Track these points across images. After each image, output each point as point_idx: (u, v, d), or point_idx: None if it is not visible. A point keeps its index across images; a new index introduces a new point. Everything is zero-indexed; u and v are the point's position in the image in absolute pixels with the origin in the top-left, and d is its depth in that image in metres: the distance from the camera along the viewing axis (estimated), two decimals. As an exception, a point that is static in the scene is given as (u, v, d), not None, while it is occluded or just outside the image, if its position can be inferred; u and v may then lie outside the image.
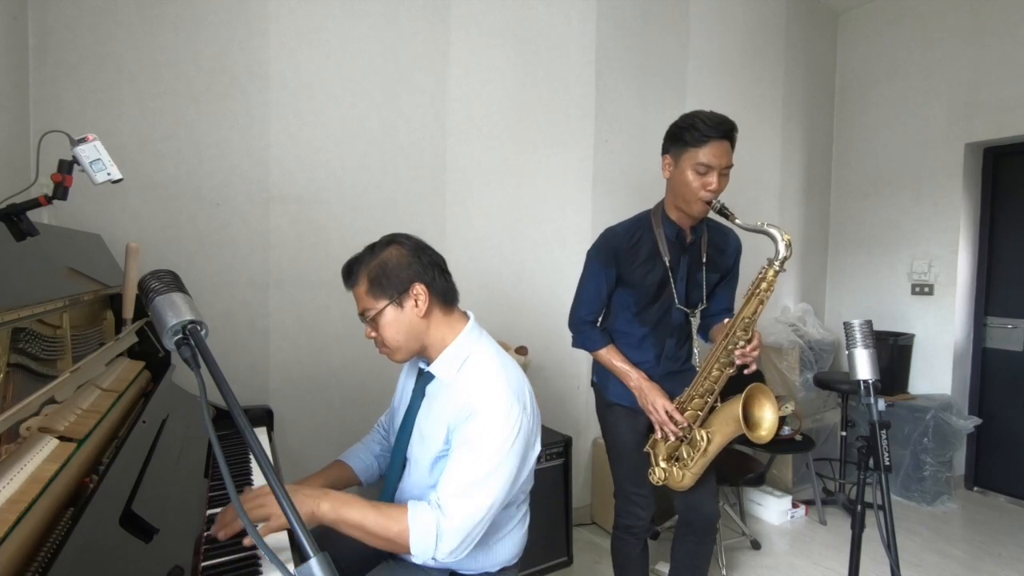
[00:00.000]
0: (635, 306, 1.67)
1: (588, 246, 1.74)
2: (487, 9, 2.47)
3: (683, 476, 1.60)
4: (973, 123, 3.28)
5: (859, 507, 1.39)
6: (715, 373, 1.54)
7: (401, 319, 1.15)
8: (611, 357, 1.68)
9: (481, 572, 1.23)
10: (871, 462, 1.33)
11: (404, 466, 1.28)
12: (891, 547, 1.26)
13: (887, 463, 1.29)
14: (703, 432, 1.57)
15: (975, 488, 3.40)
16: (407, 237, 1.21)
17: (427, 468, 1.20)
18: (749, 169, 3.40)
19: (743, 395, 1.49)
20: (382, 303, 1.15)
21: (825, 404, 3.58)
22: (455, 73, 2.41)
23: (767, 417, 1.52)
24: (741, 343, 1.49)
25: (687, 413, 1.59)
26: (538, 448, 1.20)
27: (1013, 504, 3.23)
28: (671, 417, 1.57)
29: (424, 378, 1.25)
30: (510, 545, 1.26)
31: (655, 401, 1.59)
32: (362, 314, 1.18)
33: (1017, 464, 3.27)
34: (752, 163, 3.44)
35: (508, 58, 2.55)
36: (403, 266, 1.15)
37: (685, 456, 1.60)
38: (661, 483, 1.63)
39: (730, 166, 1.52)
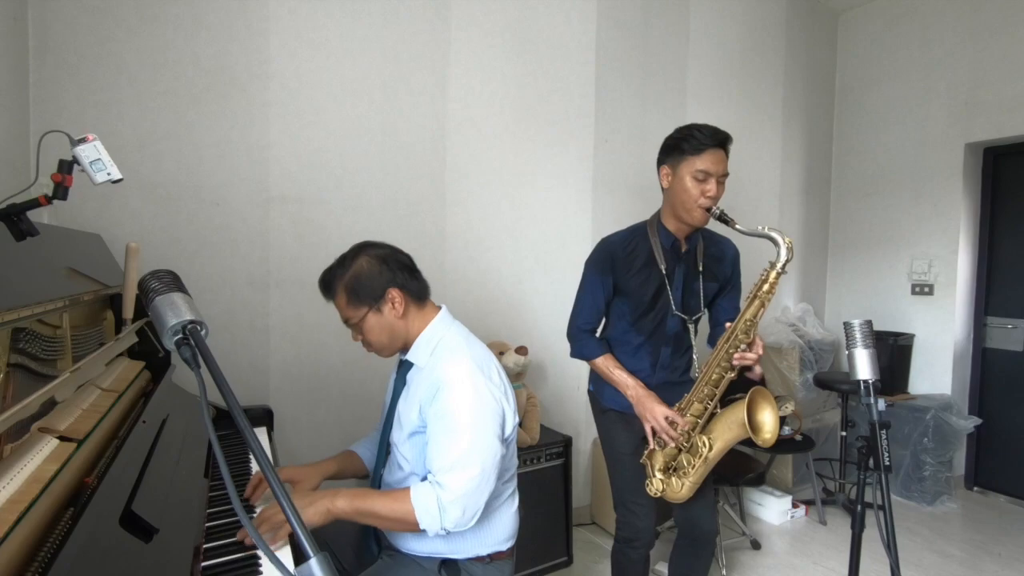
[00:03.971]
0: (631, 315, 1.67)
1: (588, 246, 1.74)
2: (487, 9, 2.47)
3: (682, 486, 1.58)
4: (973, 123, 3.28)
5: (859, 507, 1.39)
6: (715, 377, 1.54)
7: (382, 322, 1.26)
8: (608, 366, 1.67)
9: (473, 556, 1.26)
10: (871, 462, 1.33)
11: (388, 453, 1.34)
12: (891, 547, 1.26)
13: (887, 463, 1.29)
14: (704, 438, 1.55)
15: (975, 488, 3.40)
16: (374, 245, 1.30)
17: (404, 443, 1.27)
18: (749, 170, 3.40)
19: (746, 399, 1.48)
20: (362, 311, 1.25)
21: (825, 404, 3.58)
22: (455, 73, 2.41)
23: (768, 420, 1.51)
24: (742, 346, 1.49)
25: (686, 419, 1.57)
26: (515, 420, 1.27)
27: (1013, 504, 3.23)
28: (671, 423, 1.55)
29: (404, 367, 1.34)
30: (499, 526, 1.29)
31: (652, 408, 1.57)
32: (345, 322, 1.29)
33: (1017, 464, 3.27)
34: (752, 163, 3.44)
35: (508, 58, 2.55)
36: (375, 275, 1.24)
37: (685, 464, 1.57)
38: (659, 495, 1.60)
39: (726, 175, 1.55)
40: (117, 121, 1.78)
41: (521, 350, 2.37)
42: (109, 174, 1.02)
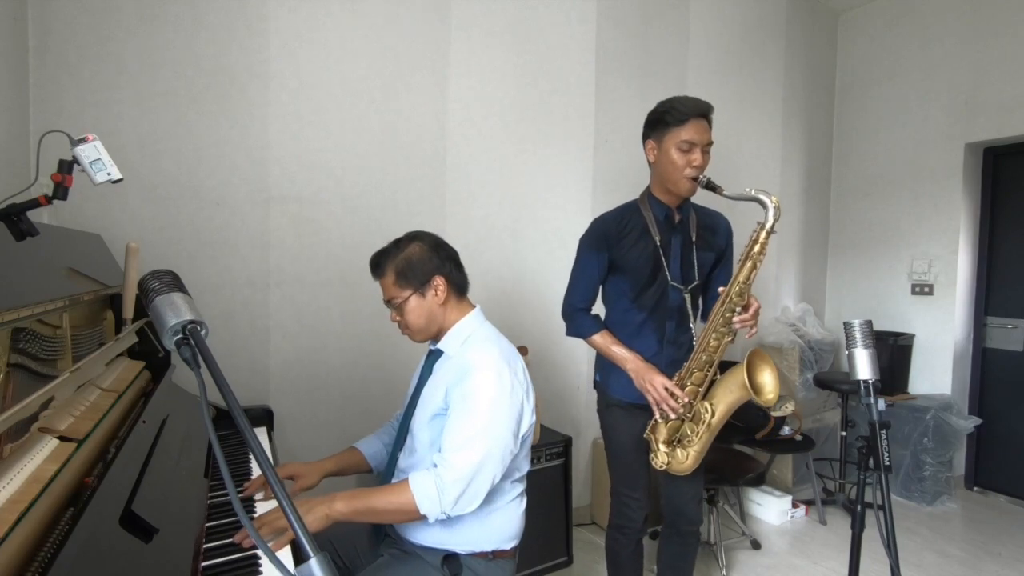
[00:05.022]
0: (631, 291, 1.66)
1: (589, 246, 1.74)
2: (487, 9, 2.47)
3: (687, 456, 1.56)
4: (973, 123, 3.28)
5: (859, 507, 1.39)
6: (713, 343, 1.53)
7: (423, 306, 1.32)
8: (606, 342, 1.66)
9: (476, 551, 1.27)
10: (871, 462, 1.33)
11: (406, 439, 1.36)
12: (891, 547, 1.26)
13: (887, 463, 1.30)
14: (706, 404, 1.54)
15: (975, 488, 3.40)
16: (427, 234, 1.37)
17: (423, 427, 1.30)
18: (749, 169, 3.39)
19: (745, 361, 1.48)
20: (407, 292, 1.31)
21: (825, 404, 3.58)
22: (455, 73, 2.41)
23: (768, 380, 1.52)
24: (738, 309, 1.50)
25: (687, 389, 1.56)
26: (531, 419, 1.30)
27: (1013, 504, 3.23)
28: (671, 394, 1.54)
29: (433, 356, 1.40)
30: (505, 523, 1.30)
31: (652, 379, 1.56)
32: (388, 301, 1.34)
33: (1017, 464, 3.26)
34: (752, 163, 3.43)
35: (508, 58, 2.55)
36: (425, 260, 1.31)
37: (689, 433, 1.56)
38: (664, 467, 1.58)
39: (711, 143, 1.58)
40: (117, 121, 1.78)
41: (521, 350, 2.36)
42: (109, 174, 1.02)
